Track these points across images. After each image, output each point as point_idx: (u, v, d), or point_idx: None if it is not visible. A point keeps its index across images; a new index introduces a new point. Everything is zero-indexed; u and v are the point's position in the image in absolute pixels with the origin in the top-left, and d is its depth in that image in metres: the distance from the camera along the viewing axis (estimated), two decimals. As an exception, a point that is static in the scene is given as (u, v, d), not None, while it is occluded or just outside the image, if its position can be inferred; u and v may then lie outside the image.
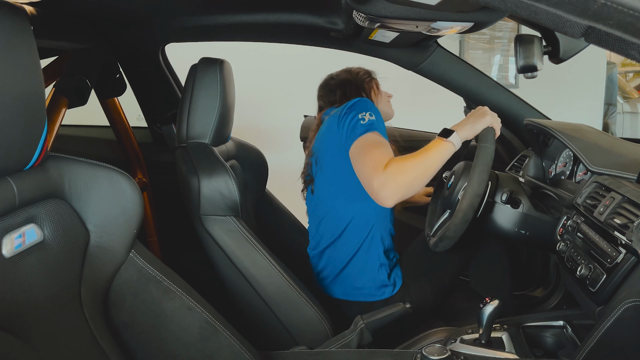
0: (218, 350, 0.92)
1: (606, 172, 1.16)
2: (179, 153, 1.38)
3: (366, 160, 1.24)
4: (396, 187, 1.19)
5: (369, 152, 1.25)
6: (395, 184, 1.19)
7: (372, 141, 1.27)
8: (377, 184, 1.19)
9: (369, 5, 1.00)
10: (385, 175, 1.19)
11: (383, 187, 1.19)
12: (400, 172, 1.20)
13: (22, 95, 0.66)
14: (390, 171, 1.19)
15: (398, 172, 1.20)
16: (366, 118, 1.31)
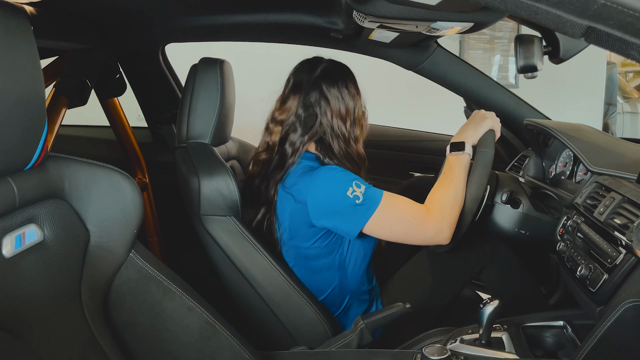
0: (218, 351, 0.92)
1: (606, 172, 1.16)
2: (179, 153, 1.38)
3: (403, 226, 1.20)
4: (450, 223, 1.21)
5: (398, 217, 1.19)
6: (448, 221, 1.20)
7: (388, 210, 1.19)
8: (432, 232, 1.20)
9: (369, 5, 1.00)
10: (434, 221, 1.19)
11: (439, 231, 1.20)
12: (446, 209, 1.21)
13: (22, 95, 0.66)
14: (438, 216, 1.20)
15: (444, 211, 1.20)
16: (358, 193, 1.18)
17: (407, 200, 1.22)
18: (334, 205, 1.19)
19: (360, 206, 1.18)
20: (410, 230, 1.20)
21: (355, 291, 1.35)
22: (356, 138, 1.32)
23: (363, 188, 1.19)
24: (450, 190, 1.23)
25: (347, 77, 1.31)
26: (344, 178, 1.20)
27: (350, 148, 1.29)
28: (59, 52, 1.60)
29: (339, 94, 1.28)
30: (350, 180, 1.19)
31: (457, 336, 1.16)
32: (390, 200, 1.20)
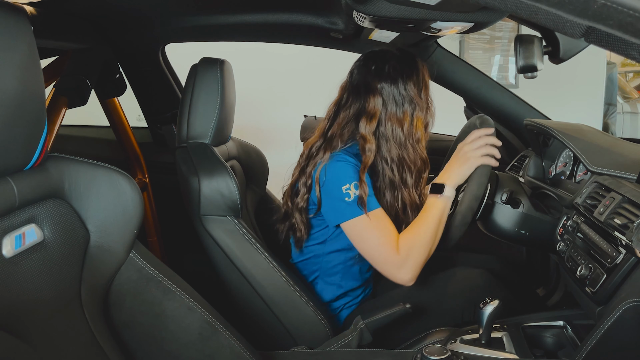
0: (218, 350, 0.92)
1: (606, 172, 1.16)
2: (179, 153, 1.38)
3: (371, 247, 1.22)
4: (415, 266, 1.21)
5: (370, 236, 1.22)
6: (413, 264, 1.21)
7: (367, 224, 1.21)
8: (396, 270, 1.21)
9: (369, 5, 1.00)
10: (401, 259, 1.20)
11: (404, 272, 1.21)
12: (414, 249, 1.21)
13: (22, 96, 0.66)
14: (404, 254, 1.20)
15: (411, 251, 1.21)
16: (351, 193, 1.21)
17: (390, 231, 1.22)
18: (329, 189, 1.24)
19: (347, 204, 1.21)
20: (376, 257, 1.23)
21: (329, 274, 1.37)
22: (417, 140, 1.30)
23: (359, 192, 1.20)
24: (421, 233, 1.22)
25: (409, 73, 1.29)
26: (347, 173, 1.22)
27: (406, 152, 1.29)
28: (59, 52, 1.60)
29: (397, 95, 1.28)
30: (352, 178, 1.21)
31: (457, 336, 1.16)
32: (375, 220, 1.21)
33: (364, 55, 1.35)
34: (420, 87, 1.31)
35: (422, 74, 1.32)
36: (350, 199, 1.21)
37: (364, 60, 1.33)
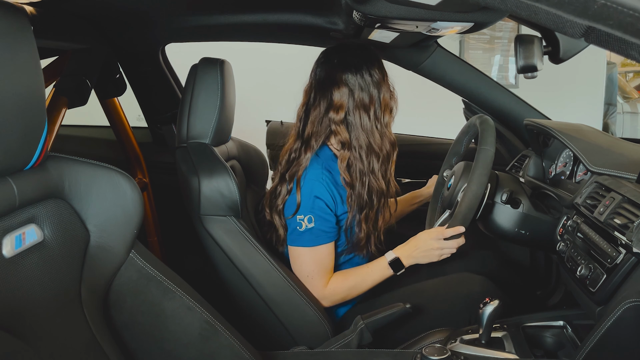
0: (218, 350, 0.92)
1: (606, 172, 1.16)
2: (179, 153, 1.38)
3: (302, 273, 1.33)
4: (335, 302, 1.35)
5: (304, 265, 1.32)
6: (334, 300, 1.35)
7: (305, 257, 1.32)
8: (317, 296, 1.33)
9: (369, 5, 1.00)
10: (325, 294, 1.33)
11: (324, 301, 1.34)
12: (340, 294, 1.34)
13: (22, 96, 0.66)
14: (330, 292, 1.33)
15: (337, 294, 1.34)
16: (303, 224, 1.29)
17: (325, 268, 1.32)
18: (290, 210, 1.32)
19: (296, 233, 1.31)
20: (304, 281, 1.34)
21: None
22: (386, 124, 1.36)
23: (310, 225, 1.29)
24: (355, 286, 1.34)
25: (372, 60, 1.34)
26: (308, 203, 1.29)
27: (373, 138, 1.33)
28: (59, 52, 1.60)
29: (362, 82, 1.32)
30: (311, 210, 1.29)
31: (457, 336, 1.16)
32: (314, 254, 1.31)
33: (323, 53, 1.39)
34: (383, 72, 1.36)
35: (381, 62, 1.38)
36: (301, 229, 1.30)
37: (325, 57, 1.37)
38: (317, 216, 1.29)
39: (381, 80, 1.33)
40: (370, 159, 1.33)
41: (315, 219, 1.29)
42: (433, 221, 1.47)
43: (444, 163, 1.56)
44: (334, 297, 1.34)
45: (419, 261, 1.33)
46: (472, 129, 1.46)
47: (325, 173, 1.31)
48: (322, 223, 1.30)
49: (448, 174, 1.46)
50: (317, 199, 1.29)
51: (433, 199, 1.55)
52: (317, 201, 1.29)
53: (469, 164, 1.36)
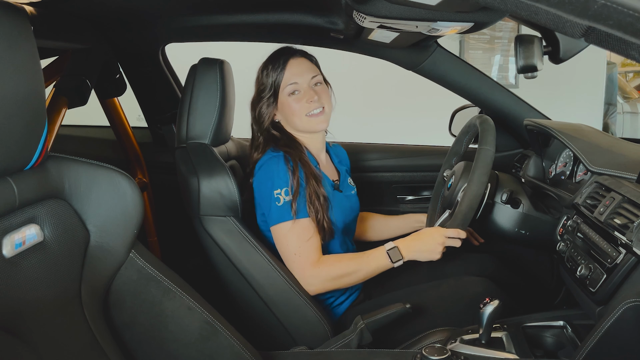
0: (218, 350, 0.92)
1: (606, 172, 1.16)
2: (178, 153, 1.38)
3: (289, 251, 1.29)
4: (322, 287, 1.29)
5: (290, 241, 1.28)
6: (322, 284, 1.29)
7: (292, 232, 1.27)
8: (303, 279, 1.28)
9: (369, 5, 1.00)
10: (314, 273, 1.27)
11: (310, 284, 1.28)
12: (330, 276, 1.28)
13: (22, 96, 0.66)
14: (318, 272, 1.27)
15: (328, 275, 1.28)
16: (281, 198, 1.26)
17: (312, 240, 1.27)
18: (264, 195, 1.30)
19: (276, 209, 1.27)
20: (290, 262, 1.29)
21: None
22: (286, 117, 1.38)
23: (288, 198, 1.26)
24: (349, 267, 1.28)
25: (272, 60, 1.38)
26: (277, 176, 1.27)
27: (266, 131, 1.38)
28: (59, 52, 1.60)
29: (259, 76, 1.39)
30: (283, 183, 1.26)
31: (457, 336, 1.16)
32: (299, 229, 1.27)
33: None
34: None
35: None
36: (280, 204, 1.26)
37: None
38: (286, 180, 1.27)
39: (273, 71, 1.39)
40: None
41: (292, 186, 1.27)
42: (433, 221, 1.47)
43: (444, 163, 1.56)
44: (324, 280, 1.28)
45: (419, 256, 1.28)
46: (472, 129, 1.46)
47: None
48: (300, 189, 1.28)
49: (448, 174, 1.46)
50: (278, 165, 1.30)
51: (433, 199, 1.55)
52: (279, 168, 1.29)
53: (469, 164, 1.36)
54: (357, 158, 1.90)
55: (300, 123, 1.37)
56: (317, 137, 1.43)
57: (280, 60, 1.37)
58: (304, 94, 1.35)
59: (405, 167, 1.92)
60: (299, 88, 1.36)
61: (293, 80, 1.35)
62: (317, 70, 1.41)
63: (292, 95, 1.36)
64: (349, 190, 1.49)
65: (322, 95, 1.38)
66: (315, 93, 1.36)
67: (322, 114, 1.37)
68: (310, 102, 1.35)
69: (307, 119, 1.36)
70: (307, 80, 1.36)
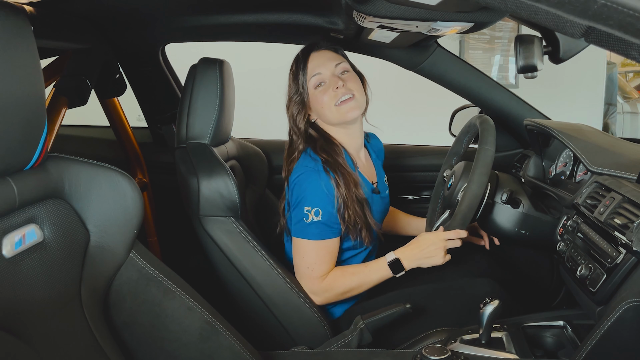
0: (218, 351, 0.92)
1: (606, 172, 1.16)
2: (178, 153, 1.38)
3: (303, 264, 1.30)
4: (328, 300, 1.32)
5: (306, 256, 1.29)
6: (327, 298, 1.31)
7: (313, 250, 1.28)
8: (310, 291, 1.31)
9: (369, 5, 1.00)
10: (321, 289, 1.30)
11: (316, 297, 1.31)
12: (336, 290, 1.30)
13: (22, 95, 0.66)
14: (325, 287, 1.30)
15: (333, 290, 1.30)
16: (310, 216, 1.26)
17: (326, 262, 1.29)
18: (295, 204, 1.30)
19: (303, 225, 1.27)
20: (301, 273, 1.31)
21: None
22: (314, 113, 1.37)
23: (317, 218, 1.26)
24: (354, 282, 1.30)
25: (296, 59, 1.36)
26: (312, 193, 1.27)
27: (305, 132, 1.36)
28: (59, 52, 1.60)
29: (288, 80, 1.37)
30: (316, 202, 1.26)
31: (457, 336, 1.16)
32: (321, 249, 1.29)
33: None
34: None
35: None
36: (307, 221, 1.26)
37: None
38: (322, 201, 1.26)
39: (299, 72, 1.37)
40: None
41: (323, 209, 1.26)
42: (433, 221, 1.47)
43: (444, 163, 1.56)
44: (330, 293, 1.30)
45: (422, 264, 1.28)
46: (472, 129, 1.46)
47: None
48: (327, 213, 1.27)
49: (448, 174, 1.46)
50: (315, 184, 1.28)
51: (433, 199, 1.55)
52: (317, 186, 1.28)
53: (469, 163, 1.36)
54: None
55: (331, 115, 1.33)
56: (354, 131, 1.38)
57: (300, 56, 1.35)
58: (329, 83, 1.32)
59: (405, 167, 1.92)
60: (323, 78, 1.32)
61: (316, 71, 1.32)
62: (342, 59, 1.37)
63: (318, 87, 1.33)
64: (385, 190, 1.48)
65: (350, 81, 1.32)
66: (340, 79, 1.31)
67: (352, 100, 1.31)
68: (336, 89, 1.30)
69: (337, 108, 1.31)
70: (331, 69, 1.33)
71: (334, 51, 1.38)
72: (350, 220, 1.28)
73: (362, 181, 1.35)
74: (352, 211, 1.28)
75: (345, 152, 1.36)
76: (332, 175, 1.27)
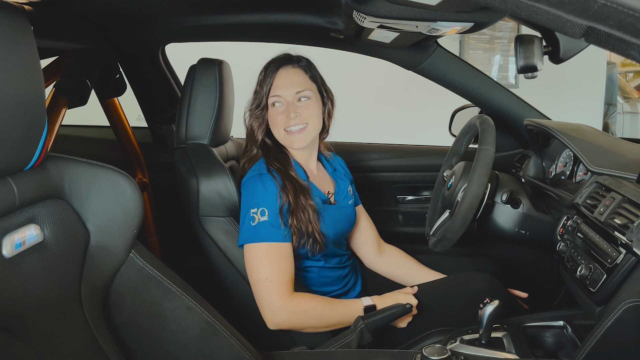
0: (218, 350, 0.92)
1: (606, 172, 1.16)
2: (178, 154, 1.38)
3: (260, 276, 1.20)
4: (289, 324, 1.21)
5: (261, 265, 1.20)
6: (285, 318, 1.20)
7: (263, 253, 1.20)
8: (270, 309, 1.19)
9: (369, 5, 1.00)
10: (282, 306, 1.18)
11: (275, 317, 1.19)
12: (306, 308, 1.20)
13: (22, 96, 0.66)
14: (291, 307, 1.19)
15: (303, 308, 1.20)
16: (256, 218, 1.20)
17: (286, 270, 1.20)
18: (244, 211, 1.25)
19: (250, 228, 1.21)
20: (260, 290, 1.20)
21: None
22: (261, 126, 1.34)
23: (263, 218, 1.20)
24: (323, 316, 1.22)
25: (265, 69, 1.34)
26: (256, 195, 1.23)
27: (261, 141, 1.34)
28: (59, 52, 1.60)
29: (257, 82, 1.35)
30: (260, 203, 1.22)
31: (457, 336, 1.16)
32: (271, 252, 1.20)
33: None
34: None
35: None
36: (253, 223, 1.21)
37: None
38: (268, 200, 1.22)
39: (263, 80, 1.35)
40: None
41: (269, 209, 1.22)
42: (433, 221, 1.47)
43: (444, 163, 1.56)
44: (295, 314, 1.20)
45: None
46: (472, 129, 1.46)
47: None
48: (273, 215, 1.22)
49: (448, 174, 1.46)
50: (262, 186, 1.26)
51: (433, 199, 1.55)
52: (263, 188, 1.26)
53: (469, 164, 1.36)
54: (357, 158, 1.90)
55: (279, 137, 1.32)
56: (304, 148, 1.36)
57: (270, 68, 1.33)
58: (286, 107, 1.30)
59: (405, 167, 1.92)
60: (281, 101, 1.30)
61: (276, 92, 1.30)
62: (308, 84, 1.33)
63: (274, 107, 1.31)
64: (346, 200, 1.43)
65: (305, 111, 1.30)
66: (295, 109, 1.29)
67: (303, 132, 1.30)
68: (289, 118, 1.29)
69: (285, 134, 1.30)
70: (292, 94, 1.30)
71: (304, 72, 1.34)
72: (295, 226, 1.24)
73: (313, 190, 1.32)
74: (298, 218, 1.24)
75: (295, 161, 1.34)
76: (278, 180, 1.25)
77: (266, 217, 1.21)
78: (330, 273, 1.37)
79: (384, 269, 1.54)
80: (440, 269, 1.51)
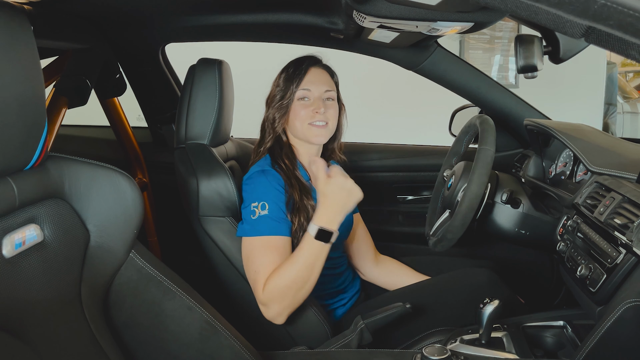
0: (218, 350, 0.92)
1: (606, 172, 1.16)
2: (177, 154, 1.39)
3: (251, 269, 1.22)
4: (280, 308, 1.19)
5: (253, 260, 1.21)
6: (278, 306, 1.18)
7: (258, 247, 1.21)
8: (261, 305, 1.20)
9: (369, 5, 1.00)
10: (264, 299, 1.18)
11: (267, 310, 1.20)
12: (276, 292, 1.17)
13: (22, 95, 0.66)
14: (268, 296, 1.17)
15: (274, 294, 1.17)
16: (257, 212, 1.22)
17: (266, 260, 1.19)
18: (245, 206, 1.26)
19: (250, 222, 1.23)
20: (252, 284, 1.22)
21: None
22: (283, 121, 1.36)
23: (264, 212, 1.21)
24: (292, 276, 1.16)
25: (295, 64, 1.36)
26: (257, 190, 1.24)
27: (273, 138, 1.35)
28: (59, 52, 1.60)
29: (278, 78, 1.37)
30: (262, 197, 1.23)
31: (457, 336, 1.16)
32: (266, 245, 1.20)
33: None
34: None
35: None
36: (254, 217, 1.22)
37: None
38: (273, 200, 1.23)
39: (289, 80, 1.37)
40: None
41: (270, 203, 1.23)
42: (433, 221, 1.47)
43: (444, 163, 1.56)
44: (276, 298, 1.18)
45: (346, 210, 1.19)
46: (472, 129, 1.46)
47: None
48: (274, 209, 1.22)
49: (448, 174, 1.46)
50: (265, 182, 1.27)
51: (433, 199, 1.55)
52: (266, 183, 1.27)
53: (469, 163, 1.36)
54: (357, 158, 1.90)
55: (300, 129, 1.34)
56: (311, 149, 1.39)
57: (303, 65, 1.35)
58: (313, 102, 1.33)
59: (405, 167, 1.92)
60: (310, 96, 1.34)
61: (307, 86, 1.33)
62: (334, 86, 1.38)
63: (302, 100, 1.34)
64: None
65: (330, 110, 1.35)
66: (323, 105, 1.33)
67: (324, 128, 1.34)
68: (316, 112, 1.32)
69: (308, 127, 1.33)
70: (321, 91, 1.34)
71: (331, 76, 1.39)
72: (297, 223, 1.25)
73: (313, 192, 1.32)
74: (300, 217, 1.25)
75: (299, 164, 1.36)
76: (282, 177, 1.27)
77: (266, 211, 1.22)
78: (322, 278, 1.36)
79: (382, 279, 1.54)
80: (440, 269, 1.51)
